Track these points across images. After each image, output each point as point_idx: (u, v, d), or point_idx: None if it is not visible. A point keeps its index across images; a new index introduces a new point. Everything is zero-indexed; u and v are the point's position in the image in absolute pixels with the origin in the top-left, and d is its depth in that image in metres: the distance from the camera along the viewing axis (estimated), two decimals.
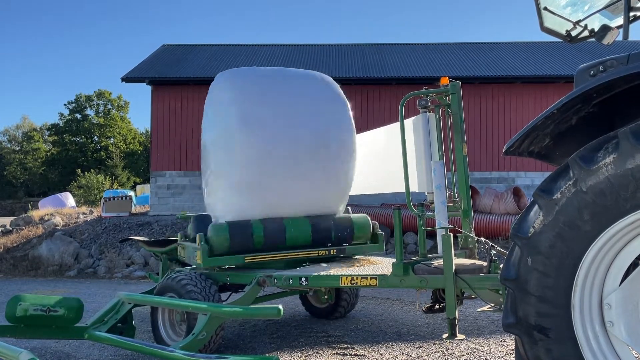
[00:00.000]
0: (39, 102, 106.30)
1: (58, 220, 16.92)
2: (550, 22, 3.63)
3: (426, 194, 5.44)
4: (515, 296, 2.65)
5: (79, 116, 63.54)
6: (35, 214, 18.72)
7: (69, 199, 29.06)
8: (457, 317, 4.36)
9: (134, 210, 18.84)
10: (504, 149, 3.09)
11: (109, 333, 5.33)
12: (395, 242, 4.85)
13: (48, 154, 63.50)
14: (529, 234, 2.60)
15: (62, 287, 11.26)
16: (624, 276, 2.54)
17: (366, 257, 6.26)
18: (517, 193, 13.65)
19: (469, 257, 5.21)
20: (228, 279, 5.94)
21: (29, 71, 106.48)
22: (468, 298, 4.68)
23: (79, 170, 47.60)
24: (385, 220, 13.26)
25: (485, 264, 4.44)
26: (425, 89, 5.54)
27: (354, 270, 5.32)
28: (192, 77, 17.39)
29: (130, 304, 5.66)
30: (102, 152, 60.33)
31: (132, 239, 7.98)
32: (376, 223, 6.60)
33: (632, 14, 3.19)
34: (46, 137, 67.02)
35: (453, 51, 20.74)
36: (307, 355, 5.36)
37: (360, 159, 6.54)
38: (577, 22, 3.58)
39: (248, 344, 5.92)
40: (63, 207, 23.32)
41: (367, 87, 17.17)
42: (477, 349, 5.39)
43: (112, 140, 62.74)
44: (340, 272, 5.27)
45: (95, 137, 63.67)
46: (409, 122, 5.58)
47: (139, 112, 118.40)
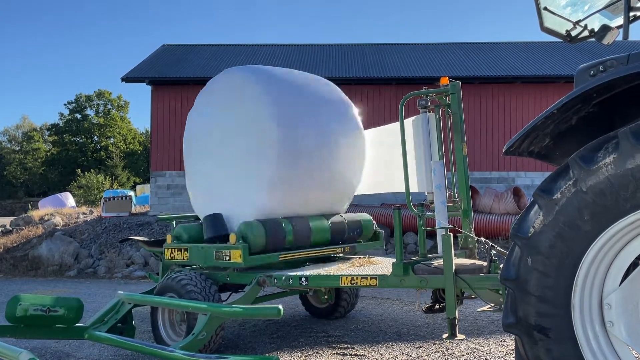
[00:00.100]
0: (39, 102, 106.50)
1: (58, 220, 16.92)
2: (550, 22, 3.63)
3: (426, 194, 5.45)
4: (515, 296, 2.65)
5: (79, 116, 63.54)
6: (35, 214, 18.72)
7: (69, 199, 29.04)
8: (457, 317, 4.36)
9: (134, 210, 18.83)
10: (504, 149, 3.09)
11: (109, 333, 5.33)
12: (395, 242, 4.86)
13: (48, 154, 63.50)
14: (529, 234, 2.60)
15: (62, 287, 11.26)
16: (624, 276, 2.54)
17: (366, 257, 6.27)
18: (517, 193, 13.65)
19: (469, 257, 5.21)
20: (228, 279, 5.95)
21: (29, 71, 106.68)
22: (468, 298, 4.69)
23: (79, 170, 47.59)
24: (385, 220, 13.25)
25: (485, 264, 4.44)
26: (425, 89, 5.55)
27: (354, 270, 5.33)
28: (192, 77, 17.37)
29: (130, 304, 5.66)
30: (102, 152, 60.32)
31: (132, 239, 7.97)
32: (374, 222, 6.74)
33: (632, 14, 3.19)
34: (46, 137, 67.03)
35: (453, 51, 20.73)
36: (307, 355, 5.36)
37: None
38: (577, 22, 3.59)
39: (248, 344, 5.92)
40: (63, 207, 23.31)
41: (367, 87, 17.15)
42: (477, 349, 5.39)
43: (112, 140, 62.73)
44: (340, 272, 5.28)
45: (95, 137, 63.66)
46: (409, 122, 5.59)
47: (139, 112, 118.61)
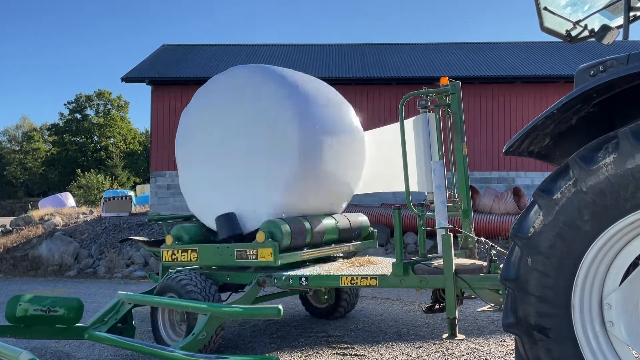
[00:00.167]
0: (39, 102, 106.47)
1: (58, 220, 16.92)
2: (550, 22, 3.63)
3: (426, 194, 5.45)
4: (515, 296, 2.65)
5: (79, 116, 63.54)
6: (35, 214, 18.72)
7: (69, 199, 29.05)
8: (457, 317, 4.37)
9: (134, 210, 18.84)
10: (504, 149, 3.09)
11: (109, 333, 5.33)
12: (395, 242, 4.86)
13: (48, 154, 63.50)
14: (529, 234, 2.60)
15: (62, 287, 11.26)
16: (624, 276, 2.54)
17: (366, 257, 6.29)
18: (517, 193, 13.65)
19: (469, 257, 5.22)
20: (228, 279, 5.94)
21: (29, 71, 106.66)
22: (468, 298, 4.69)
23: (79, 170, 47.60)
24: (385, 220, 13.25)
25: (485, 264, 4.45)
26: (425, 89, 5.55)
27: (354, 270, 5.33)
28: (192, 77, 17.36)
29: (130, 304, 5.66)
30: (102, 152, 60.32)
31: (132, 239, 7.97)
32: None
33: (632, 14, 3.19)
34: (46, 137, 67.03)
35: (453, 51, 20.72)
36: (307, 355, 5.36)
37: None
38: (577, 22, 3.59)
39: (248, 344, 5.92)
40: (63, 207, 23.32)
41: (367, 87, 17.15)
42: (477, 349, 5.39)
43: (112, 140, 62.74)
44: (340, 272, 5.28)
45: (95, 137, 63.66)
46: (409, 122, 5.59)
47: (139, 112, 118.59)
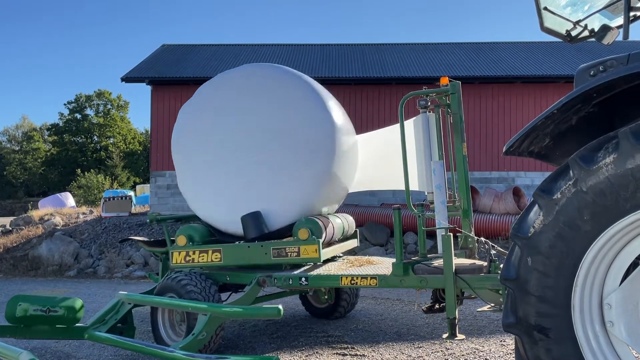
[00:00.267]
0: (39, 102, 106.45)
1: (58, 220, 16.92)
2: (550, 22, 3.63)
3: (426, 194, 5.45)
4: (515, 296, 2.65)
5: (78, 116, 63.54)
6: (35, 214, 18.72)
7: (69, 199, 29.05)
8: (457, 317, 4.37)
9: (133, 210, 18.84)
10: (504, 149, 3.09)
11: (109, 333, 5.33)
12: (395, 242, 4.86)
13: (48, 154, 63.49)
14: (529, 234, 2.60)
15: (62, 287, 11.26)
16: (624, 276, 2.54)
17: (366, 257, 6.29)
18: (517, 193, 13.65)
19: (469, 257, 5.22)
20: (228, 279, 5.94)
21: (29, 71, 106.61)
22: (468, 298, 4.69)
23: (79, 170, 47.62)
24: (385, 220, 13.25)
25: (485, 264, 4.45)
26: (425, 89, 5.55)
27: (354, 270, 5.33)
28: (192, 77, 17.35)
29: (130, 304, 5.66)
30: (102, 152, 60.34)
31: (132, 239, 7.96)
32: None
33: (632, 14, 3.19)
34: (46, 137, 67.02)
35: (453, 51, 20.72)
36: (307, 355, 5.36)
37: (365, 158, 6.58)
38: (577, 22, 3.59)
39: (248, 344, 5.92)
40: (63, 207, 23.32)
41: (367, 87, 17.15)
42: (477, 349, 5.39)
43: (112, 140, 62.73)
44: (340, 272, 5.28)
45: (95, 137, 63.67)
46: (409, 123, 5.58)
47: (139, 112, 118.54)
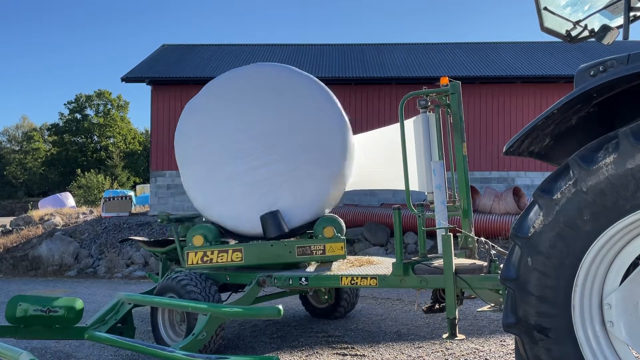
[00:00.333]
0: (39, 102, 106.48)
1: (58, 220, 16.92)
2: (550, 22, 3.63)
3: (426, 194, 5.44)
4: (515, 296, 2.65)
5: (78, 116, 63.54)
6: (35, 214, 18.72)
7: (69, 199, 29.06)
8: (457, 317, 4.36)
9: (133, 210, 18.84)
10: (504, 149, 3.09)
11: (109, 333, 5.32)
12: (395, 242, 4.86)
13: (48, 154, 63.50)
14: (529, 234, 2.60)
15: (62, 287, 11.26)
16: (624, 276, 2.54)
17: (366, 257, 6.28)
18: (517, 193, 13.65)
19: (469, 257, 5.22)
20: (228, 279, 5.94)
21: (29, 71, 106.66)
22: (468, 298, 4.69)
23: (79, 170, 47.63)
24: (385, 220, 13.25)
25: (485, 264, 4.45)
26: (425, 89, 5.54)
27: (354, 270, 5.32)
28: (192, 77, 17.37)
29: (130, 304, 5.66)
30: (102, 152, 60.34)
31: (132, 239, 7.96)
32: None
33: (632, 14, 3.19)
34: (46, 137, 67.02)
35: (453, 51, 20.72)
36: (307, 355, 5.36)
37: (365, 158, 6.57)
38: (577, 22, 3.58)
39: (248, 344, 5.92)
40: (63, 207, 23.32)
41: (367, 87, 17.16)
42: (477, 349, 5.39)
43: (112, 140, 62.73)
44: (340, 272, 5.28)
45: (95, 137, 63.67)
46: (409, 122, 5.58)
47: (139, 112, 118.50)
